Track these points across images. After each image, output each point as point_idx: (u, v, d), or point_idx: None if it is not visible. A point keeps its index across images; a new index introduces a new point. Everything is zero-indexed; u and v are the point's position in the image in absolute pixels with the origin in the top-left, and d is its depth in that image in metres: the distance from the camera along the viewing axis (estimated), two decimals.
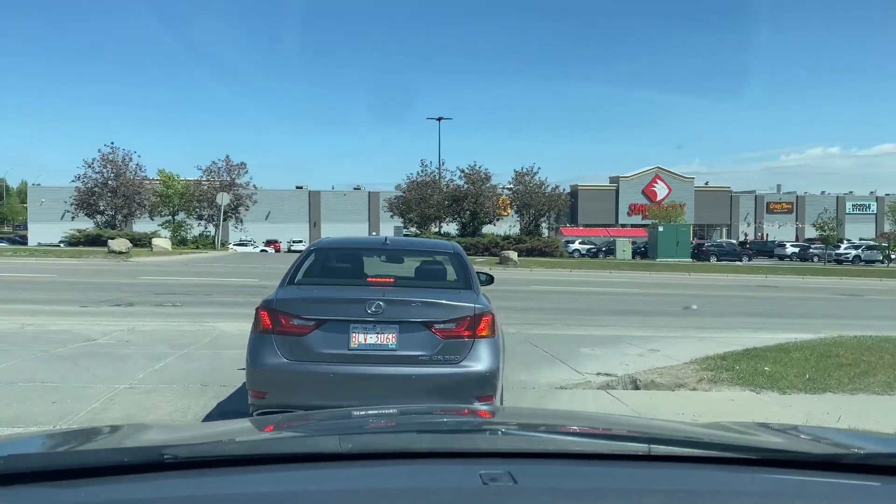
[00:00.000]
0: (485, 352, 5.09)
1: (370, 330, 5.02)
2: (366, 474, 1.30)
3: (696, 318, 14.51)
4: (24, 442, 1.86)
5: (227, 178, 46.37)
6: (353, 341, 5.00)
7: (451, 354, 5.03)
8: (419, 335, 5.04)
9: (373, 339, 5.02)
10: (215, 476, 1.27)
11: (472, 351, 5.05)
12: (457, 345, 5.05)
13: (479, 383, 5.03)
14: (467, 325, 5.09)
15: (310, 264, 6.03)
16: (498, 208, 49.83)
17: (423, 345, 5.02)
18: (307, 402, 4.71)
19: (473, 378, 5.01)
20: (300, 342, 5.00)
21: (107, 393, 6.59)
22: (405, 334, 5.03)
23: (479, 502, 1.14)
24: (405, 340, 5.02)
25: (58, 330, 10.52)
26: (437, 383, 4.96)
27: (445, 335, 5.05)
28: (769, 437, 1.80)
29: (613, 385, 7.62)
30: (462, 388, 5.00)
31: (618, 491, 1.22)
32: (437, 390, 4.95)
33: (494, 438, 1.66)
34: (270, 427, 1.99)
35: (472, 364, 5.02)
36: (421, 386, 4.93)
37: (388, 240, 6.67)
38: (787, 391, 7.20)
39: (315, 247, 6.47)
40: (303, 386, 4.97)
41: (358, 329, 5.02)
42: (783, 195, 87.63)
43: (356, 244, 7.16)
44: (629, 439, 1.71)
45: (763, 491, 1.25)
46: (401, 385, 4.92)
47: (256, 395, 5.01)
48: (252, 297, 16.65)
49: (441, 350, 5.02)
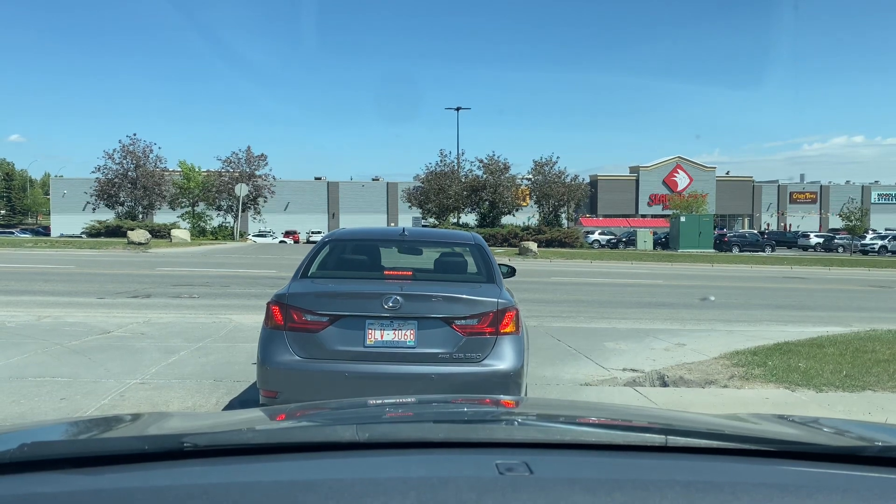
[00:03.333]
0: (509, 349, 4.83)
1: (387, 326, 4.78)
2: (382, 463, 1.31)
3: (722, 311, 14.14)
4: (47, 429, 1.85)
5: (246, 170, 46.39)
6: (370, 338, 4.76)
7: (472, 352, 4.77)
8: (439, 332, 4.79)
9: (390, 336, 4.77)
10: (234, 464, 1.29)
11: (494, 348, 4.80)
12: (479, 342, 4.79)
13: (503, 383, 4.75)
14: (490, 321, 4.82)
15: (324, 256, 5.71)
16: (517, 199, 49.39)
17: (443, 342, 4.77)
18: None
19: (497, 377, 4.75)
20: (313, 339, 4.75)
21: (118, 388, 6.41)
22: (424, 331, 4.78)
23: (496, 492, 1.13)
24: (424, 337, 4.77)
25: (73, 322, 10.41)
26: (458, 383, 4.70)
27: (467, 332, 4.80)
28: (789, 430, 1.79)
29: (640, 381, 7.32)
30: (484, 388, 4.73)
31: (634, 482, 1.20)
32: (458, 391, 4.66)
33: (511, 428, 1.63)
34: (288, 416, 2.01)
35: (495, 363, 4.77)
36: (441, 386, 4.66)
37: (406, 230, 6.27)
38: (823, 389, 6.88)
39: (329, 238, 6.10)
40: (316, 386, 4.70)
41: (374, 325, 4.77)
42: (807, 185, 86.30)
43: (373, 235, 6.86)
44: (646, 430, 1.69)
45: (782, 483, 1.23)
46: (419, 385, 4.67)
47: (268, 395, 4.80)
48: (269, 288, 16.47)
49: (462, 347, 4.77)
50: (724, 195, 77.94)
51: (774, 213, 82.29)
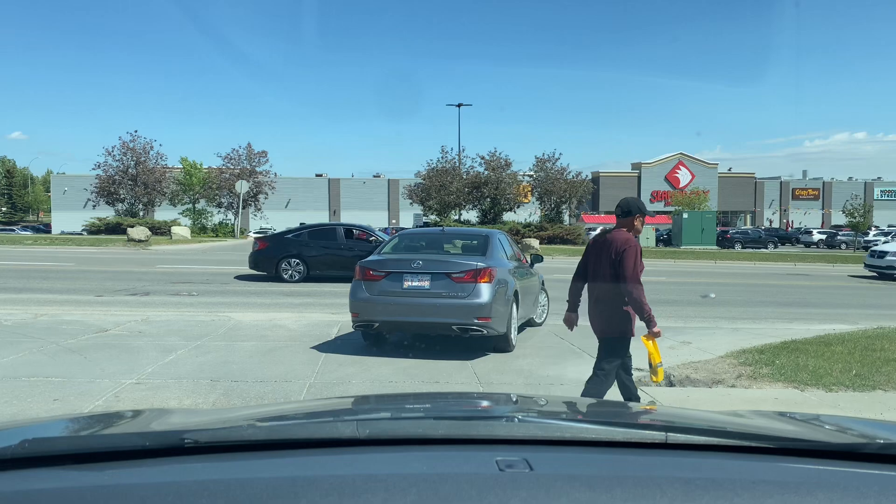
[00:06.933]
0: (483, 291, 7.96)
1: (414, 278, 8.14)
2: (383, 460, 1.31)
3: (727, 309, 14.00)
4: (48, 425, 1.84)
5: (247, 166, 46.18)
6: (405, 284, 8.14)
7: (460, 292, 8.00)
8: (442, 281, 8.09)
9: (416, 283, 8.13)
10: (235, 461, 1.29)
11: (473, 290, 7.97)
12: (463, 286, 8.01)
13: (479, 308, 7.92)
14: (471, 276, 8.03)
15: (394, 243, 9.53)
16: (519, 195, 49.14)
17: (444, 286, 8.07)
18: (379, 318, 8.14)
19: (474, 306, 7.92)
20: (376, 285, 8.21)
21: (112, 389, 6.28)
22: (434, 280, 8.12)
23: (496, 488, 1.13)
24: (433, 283, 8.11)
25: (71, 320, 10.30)
26: (451, 307, 7.97)
27: (458, 280, 8.04)
28: (789, 426, 1.79)
29: (646, 381, 7.17)
30: (466, 311, 7.92)
31: (634, 478, 1.20)
32: (451, 312, 7.95)
33: (511, 425, 1.63)
34: (289, 413, 2.03)
35: (473, 298, 7.95)
36: (442, 309, 7.99)
37: (445, 229, 10.65)
38: (833, 388, 6.74)
39: (399, 233, 10.48)
40: (377, 309, 8.13)
41: (407, 277, 8.16)
42: (809, 181, 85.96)
43: (421, 231, 11.20)
44: (646, 427, 1.67)
45: (782, 480, 1.22)
46: (430, 308, 8.02)
47: (353, 315, 8.33)
48: (269, 285, 16.40)
49: (454, 289, 8.01)
50: (727, 192, 77.64)
51: (777, 210, 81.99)
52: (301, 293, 14.84)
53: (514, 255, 9.84)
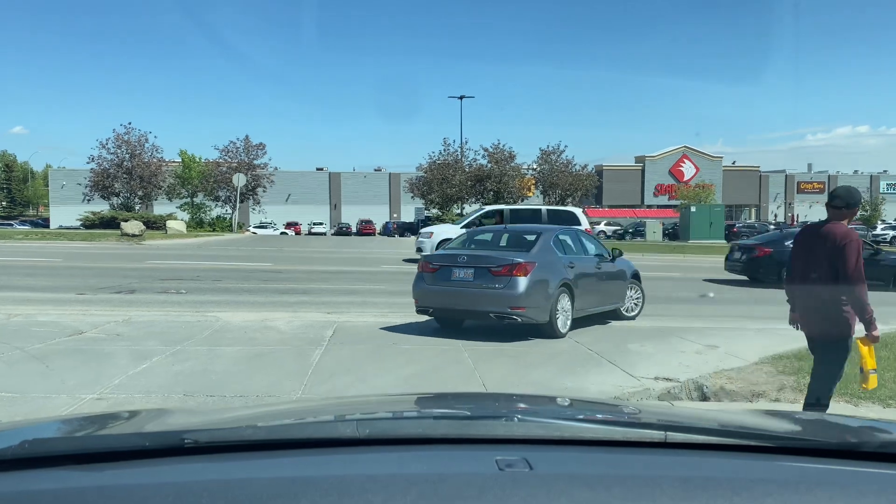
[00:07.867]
0: (518, 283, 8.72)
1: (460, 271, 9.09)
2: (383, 460, 1.29)
3: (747, 307, 13.20)
4: (48, 426, 1.77)
5: (245, 159, 45.38)
6: (454, 276, 9.11)
7: (497, 284, 8.81)
8: (483, 273, 8.94)
9: (462, 275, 9.07)
10: (235, 461, 1.28)
11: (509, 282, 8.75)
12: (500, 279, 8.81)
13: (514, 298, 8.70)
14: (507, 269, 8.82)
15: (462, 239, 10.80)
16: (522, 188, 48.29)
17: (484, 278, 8.91)
18: (434, 304, 9.27)
19: (508, 296, 8.72)
20: (432, 276, 9.33)
21: (68, 406, 5.47)
22: (477, 273, 8.98)
23: (496, 488, 1.11)
24: (476, 275, 8.99)
25: (45, 321, 9.52)
26: (491, 296, 8.81)
27: (496, 273, 8.86)
28: (789, 426, 1.81)
29: (676, 393, 6.40)
30: (502, 299, 8.74)
31: (634, 478, 1.19)
32: (490, 301, 8.80)
33: (511, 425, 1.58)
34: (289, 413, 2.01)
35: (508, 289, 8.73)
36: (483, 297, 8.85)
37: (507, 227, 11.87)
38: (890, 403, 5.96)
39: (467, 231, 12.38)
40: (432, 297, 9.27)
41: (455, 270, 9.12)
42: (814, 175, 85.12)
43: (485, 229, 12.84)
44: (646, 426, 1.68)
45: (782, 479, 1.20)
46: (473, 297, 8.93)
47: (415, 301, 9.46)
48: (264, 283, 15.60)
49: (493, 280, 8.85)
50: (731, 185, 76.74)
51: (782, 204, 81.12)
52: (297, 291, 14.07)
53: (582, 250, 10.40)
